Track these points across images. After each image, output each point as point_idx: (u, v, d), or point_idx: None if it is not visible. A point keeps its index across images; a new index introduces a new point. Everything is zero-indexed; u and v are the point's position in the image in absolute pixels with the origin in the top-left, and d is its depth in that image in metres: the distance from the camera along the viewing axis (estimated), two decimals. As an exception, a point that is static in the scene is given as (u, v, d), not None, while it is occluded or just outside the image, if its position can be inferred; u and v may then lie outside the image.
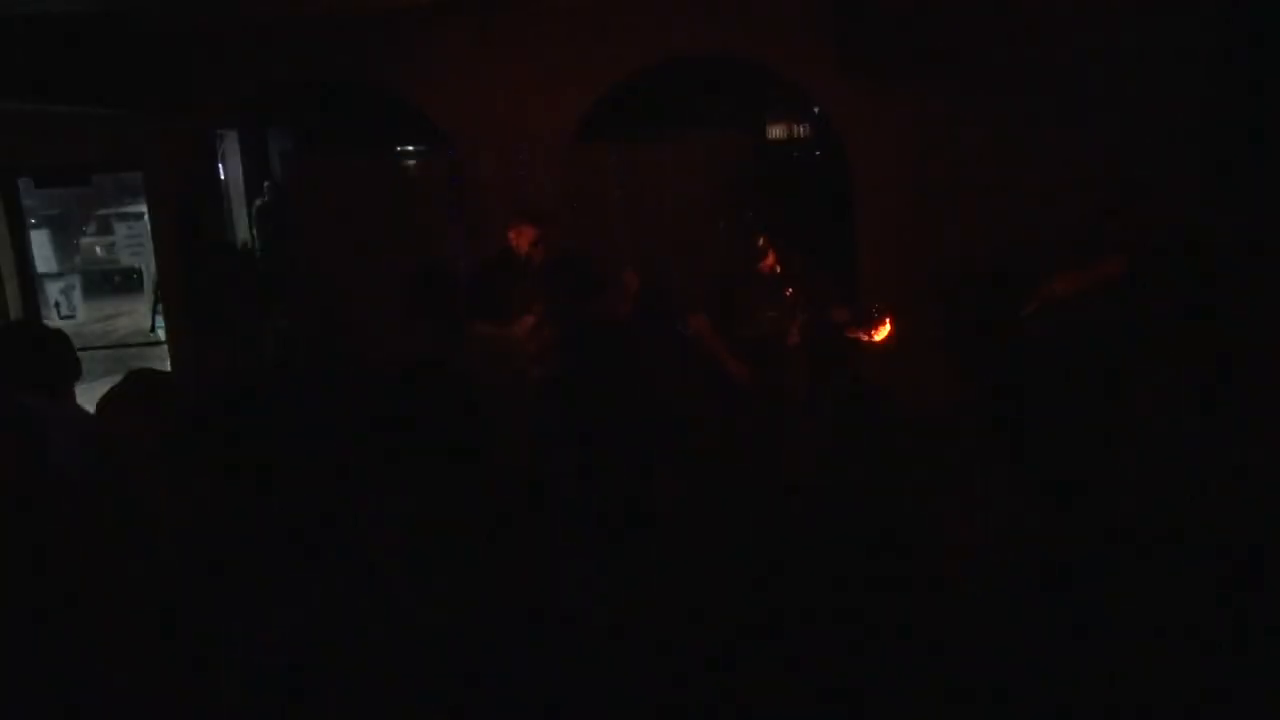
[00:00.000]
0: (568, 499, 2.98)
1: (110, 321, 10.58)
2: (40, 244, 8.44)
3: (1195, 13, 5.64)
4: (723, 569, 2.13)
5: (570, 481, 2.99)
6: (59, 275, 8.46)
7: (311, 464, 2.63)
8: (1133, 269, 4.82)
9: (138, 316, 9.17)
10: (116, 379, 2.92)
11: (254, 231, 9.94)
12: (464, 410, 2.50)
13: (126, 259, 8.69)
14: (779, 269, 4.95)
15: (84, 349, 7.23)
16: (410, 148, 8.35)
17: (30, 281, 7.53)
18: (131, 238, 8.64)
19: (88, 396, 3.14)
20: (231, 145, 10.66)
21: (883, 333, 4.69)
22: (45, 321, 7.68)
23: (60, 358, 3.18)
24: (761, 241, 4.92)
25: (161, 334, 7.72)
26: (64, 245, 13.35)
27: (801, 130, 10.13)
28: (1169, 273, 4.80)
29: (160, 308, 7.32)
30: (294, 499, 2.46)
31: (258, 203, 10.28)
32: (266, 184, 10.44)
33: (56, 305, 8.36)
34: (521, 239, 5.12)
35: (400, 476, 2.46)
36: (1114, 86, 6.53)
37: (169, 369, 7.58)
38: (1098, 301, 4.98)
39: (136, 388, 2.88)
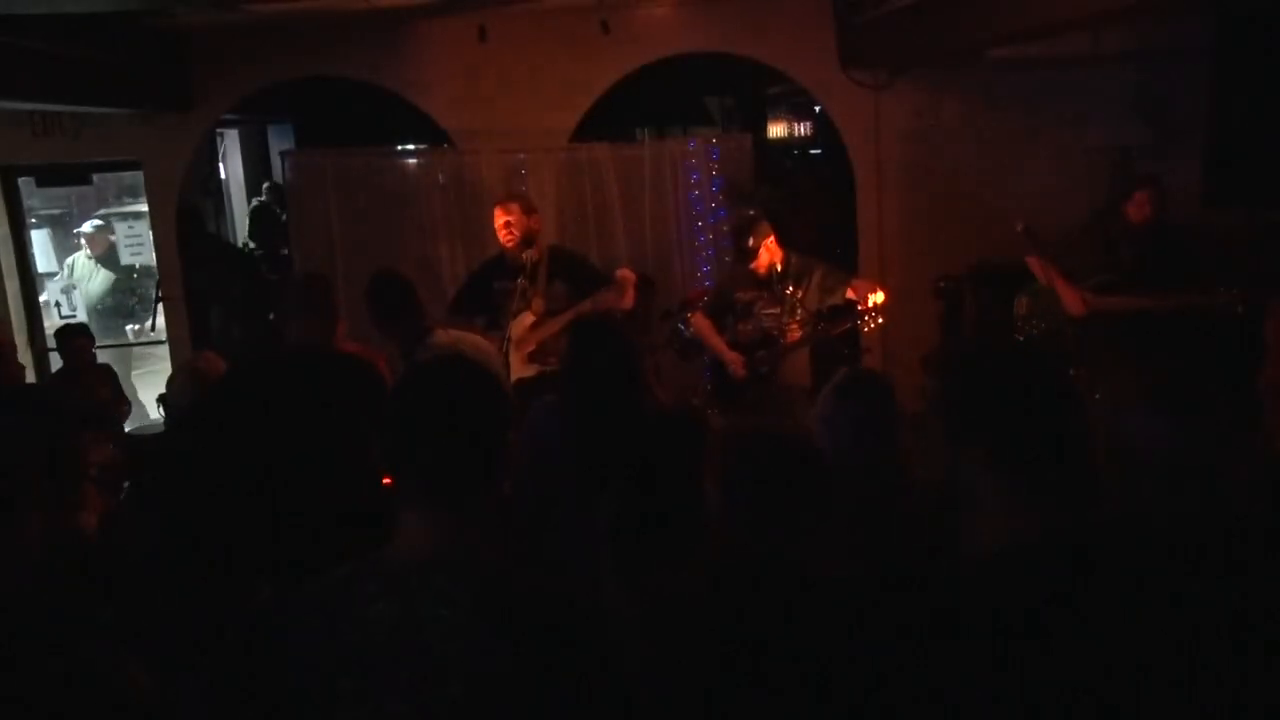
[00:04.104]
0: (565, 499, 2.99)
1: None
2: (41, 243, 8.42)
3: (1196, 13, 5.65)
4: (724, 569, 2.12)
5: (568, 482, 2.99)
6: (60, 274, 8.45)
7: (308, 464, 2.62)
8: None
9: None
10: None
11: (251, 232, 9.90)
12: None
13: (127, 259, 8.66)
14: (779, 267, 4.95)
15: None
16: (411, 146, 8.35)
17: (31, 281, 7.53)
18: (132, 237, 8.61)
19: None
20: (232, 144, 10.65)
21: (878, 297, 4.68)
22: (45, 321, 7.66)
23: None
24: (752, 241, 4.91)
25: (154, 334, 7.71)
26: (64, 244, 13.34)
27: (803, 129, 10.11)
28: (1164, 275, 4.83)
29: (160, 306, 7.28)
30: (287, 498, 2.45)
31: (254, 203, 10.23)
32: (266, 185, 10.40)
33: (57, 305, 8.35)
34: (509, 218, 4.94)
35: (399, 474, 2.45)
36: (1114, 86, 6.54)
37: (169, 368, 7.59)
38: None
39: None
